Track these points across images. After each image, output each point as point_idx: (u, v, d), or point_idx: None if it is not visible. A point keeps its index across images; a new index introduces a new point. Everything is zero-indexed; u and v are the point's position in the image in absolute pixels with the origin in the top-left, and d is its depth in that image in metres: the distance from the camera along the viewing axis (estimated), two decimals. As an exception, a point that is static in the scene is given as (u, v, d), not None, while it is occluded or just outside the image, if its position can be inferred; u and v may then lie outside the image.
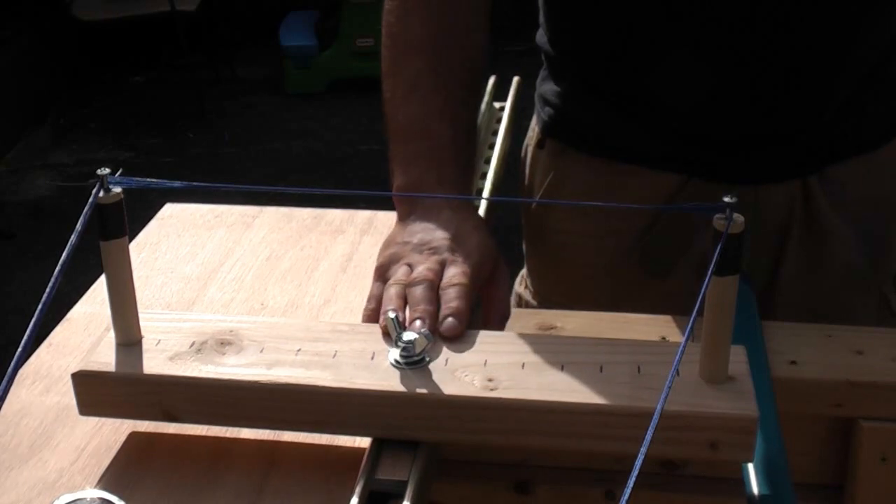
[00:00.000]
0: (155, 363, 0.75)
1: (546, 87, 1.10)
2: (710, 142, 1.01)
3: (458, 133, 0.91)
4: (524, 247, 1.19)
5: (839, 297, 1.07)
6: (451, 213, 0.86)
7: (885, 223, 1.07)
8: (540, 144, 1.12)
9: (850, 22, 0.96)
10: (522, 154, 1.16)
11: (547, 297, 1.16)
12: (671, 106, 1.00)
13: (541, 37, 1.11)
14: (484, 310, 0.84)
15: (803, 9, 0.93)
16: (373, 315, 0.81)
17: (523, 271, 1.21)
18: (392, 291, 0.80)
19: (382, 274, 0.84)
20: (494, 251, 0.86)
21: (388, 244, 0.86)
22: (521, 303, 1.19)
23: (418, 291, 0.79)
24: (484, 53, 0.97)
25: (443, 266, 0.82)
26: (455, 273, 0.81)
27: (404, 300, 0.79)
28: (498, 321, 0.84)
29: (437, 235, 0.84)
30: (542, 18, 1.10)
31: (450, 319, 0.77)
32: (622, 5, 0.98)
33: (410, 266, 0.82)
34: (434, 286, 0.79)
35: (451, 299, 0.78)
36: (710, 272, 0.67)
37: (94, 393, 0.75)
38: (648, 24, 0.98)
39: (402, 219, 0.88)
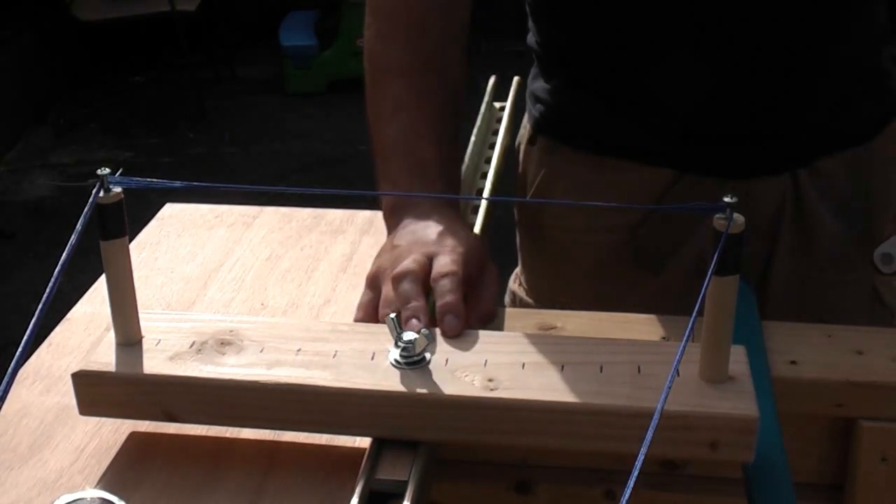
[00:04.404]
0: (155, 363, 0.74)
1: (536, 85, 1.11)
2: (703, 138, 1.01)
3: (441, 148, 0.92)
4: (518, 242, 1.19)
5: (831, 290, 1.08)
6: (439, 218, 0.87)
7: (874, 217, 1.07)
8: (531, 141, 1.12)
9: (845, 18, 0.97)
10: (516, 151, 1.16)
11: (541, 294, 1.16)
12: (669, 105, 1.01)
13: (530, 38, 1.11)
14: (467, 308, 0.83)
15: (802, 7, 0.94)
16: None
17: (517, 269, 1.21)
18: (384, 293, 0.80)
19: (372, 283, 0.84)
20: (482, 249, 0.86)
21: (378, 255, 0.87)
22: (516, 300, 1.19)
23: (404, 287, 0.78)
24: (462, 79, 0.98)
25: (430, 257, 0.81)
26: (445, 262, 0.80)
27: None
28: (477, 320, 0.82)
29: (426, 233, 0.85)
30: (530, 22, 1.10)
31: (448, 317, 0.76)
32: (619, 8, 0.98)
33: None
34: (419, 278, 0.79)
35: (444, 292, 0.78)
36: (710, 272, 0.67)
37: (94, 393, 0.75)
38: (646, 25, 0.98)
39: (391, 232, 0.89)
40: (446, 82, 0.96)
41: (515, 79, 1.19)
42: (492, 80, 1.16)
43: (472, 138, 1.07)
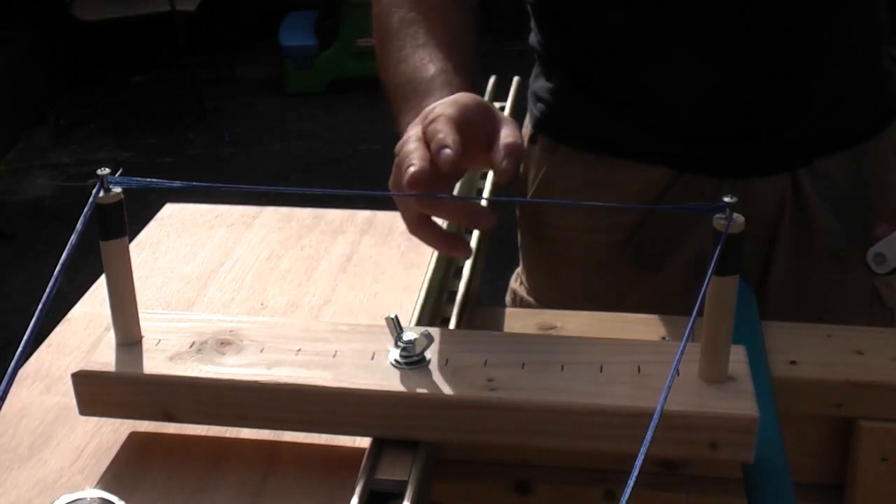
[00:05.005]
0: (155, 363, 0.75)
1: (538, 84, 1.11)
2: (702, 137, 1.01)
3: (441, 65, 0.89)
4: (519, 242, 1.19)
5: (831, 290, 1.08)
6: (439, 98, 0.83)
7: (873, 216, 1.08)
8: (532, 140, 1.12)
9: (843, 18, 0.97)
10: None
11: (542, 293, 1.16)
12: (668, 105, 1.01)
13: (532, 38, 1.11)
14: (491, 149, 0.78)
15: (799, 7, 0.94)
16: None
17: (519, 268, 1.21)
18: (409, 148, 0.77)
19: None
20: (478, 99, 0.81)
21: None
22: (517, 299, 1.19)
23: (409, 147, 0.75)
24: (468, 25, 0.96)
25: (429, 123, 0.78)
26: (437, 116, 0.77)
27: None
28: (507, 151, 0.76)
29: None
30: (532, 23, 1.10)
31: (445, 151, 0.73)
32: (619, 9, 0.98)
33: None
34: (421, 138, 0.76)
35: (435, 132, 0.74)
36: (710, 272, 0.67)
37: (94, 393, 0.75)
38: (645, 26, 0.98)
39: None
40: (450, 24, 0.94)
41: (515, 79, 1.19)
42: (492, 80, 1.16)
43: (473, 138, 1.07)
